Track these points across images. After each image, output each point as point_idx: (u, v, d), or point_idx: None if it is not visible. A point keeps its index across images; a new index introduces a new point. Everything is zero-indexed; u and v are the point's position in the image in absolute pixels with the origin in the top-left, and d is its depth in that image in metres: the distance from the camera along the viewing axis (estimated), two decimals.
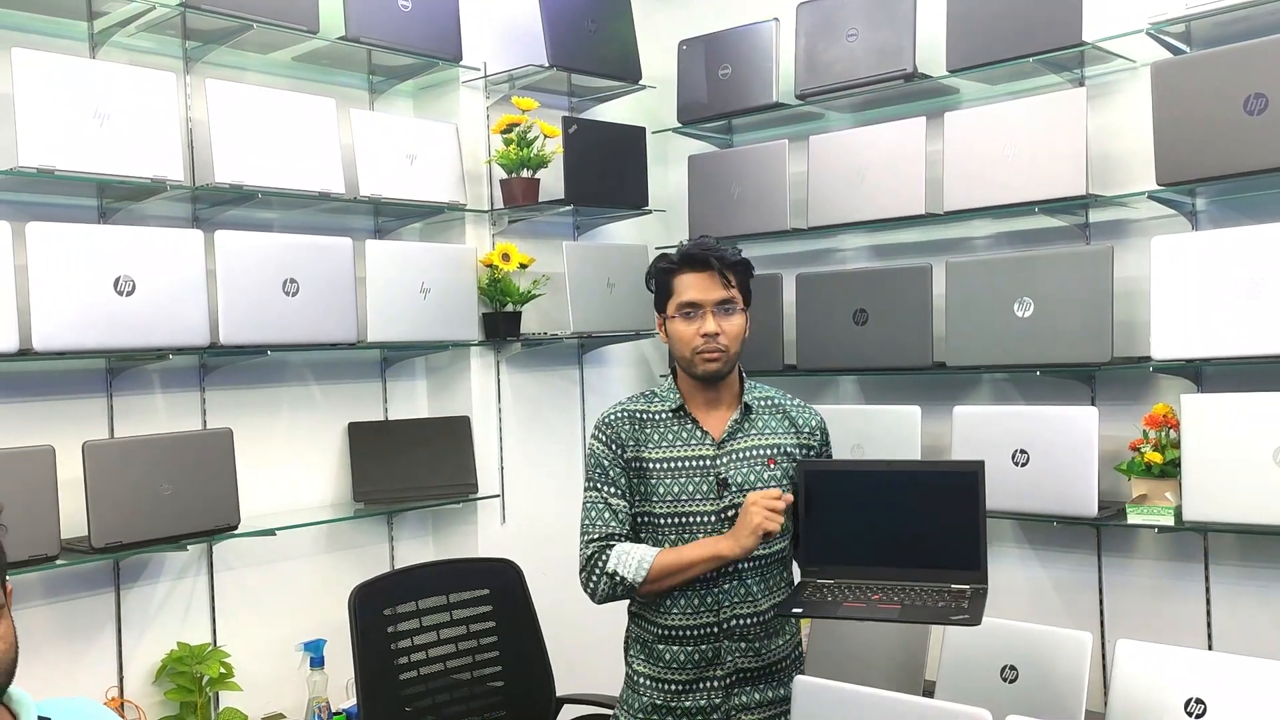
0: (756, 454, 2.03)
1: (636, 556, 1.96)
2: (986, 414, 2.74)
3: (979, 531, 1.92)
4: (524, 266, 3.12)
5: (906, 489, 2.00)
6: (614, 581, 1.97)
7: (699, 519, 2.00)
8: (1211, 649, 2.59)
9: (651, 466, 2.02)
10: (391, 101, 3.19)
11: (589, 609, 2.10)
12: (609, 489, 2.03)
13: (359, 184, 2.84)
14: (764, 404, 2.10)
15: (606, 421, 2.08)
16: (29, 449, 2.23)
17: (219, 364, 2.73)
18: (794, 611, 1.94)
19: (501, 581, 2.58)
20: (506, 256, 3.08)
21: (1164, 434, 2.55)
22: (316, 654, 2.79)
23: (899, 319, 2.91)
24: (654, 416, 2.06)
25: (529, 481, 3.30)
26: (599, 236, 3.56)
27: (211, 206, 2.69)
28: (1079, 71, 2.80)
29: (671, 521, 2.00)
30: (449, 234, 3.20)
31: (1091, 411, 2.58)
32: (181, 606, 2.67)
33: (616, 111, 3.51)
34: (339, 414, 3.02)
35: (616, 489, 2.03)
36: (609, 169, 3.26)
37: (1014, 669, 2.22)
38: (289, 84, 2.89)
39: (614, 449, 2.04)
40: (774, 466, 2.03)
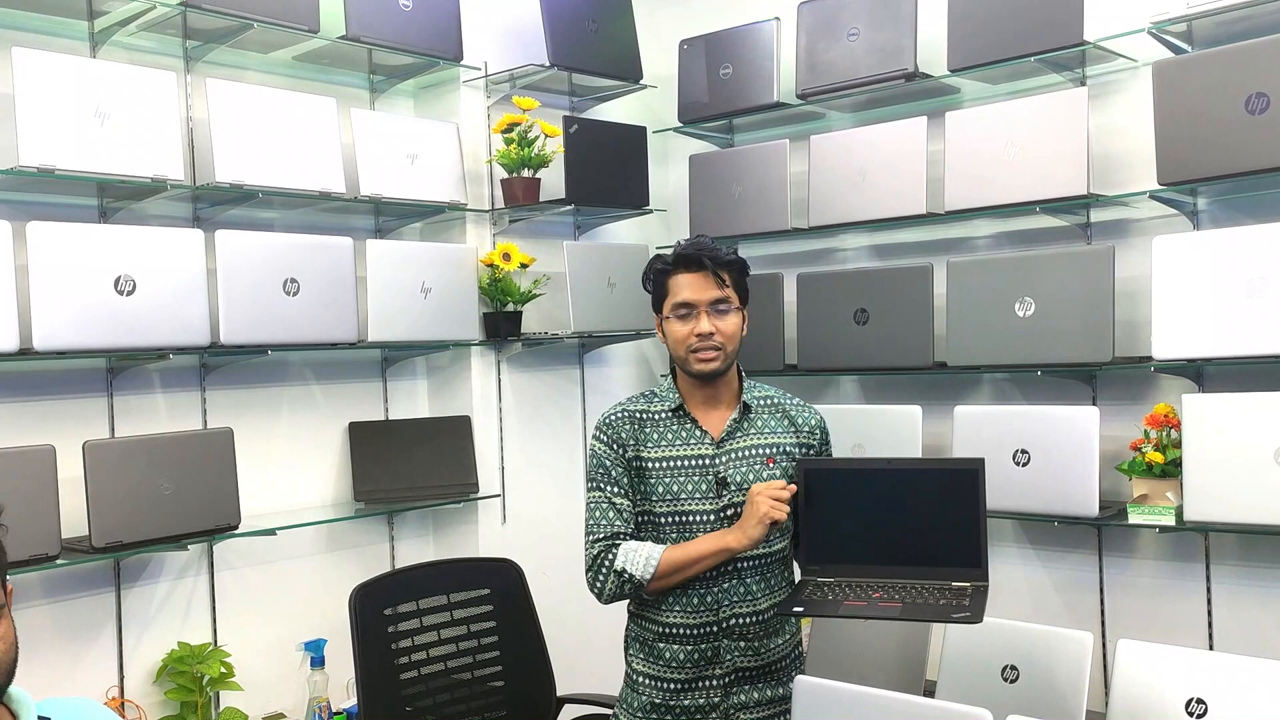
0: (756, 453, 2.03)
1: (644, 554, 1.96)
2: (987, 414, 2.74)
3: (979, 529, 1.92)
4: (525, 266, 3.12)
5: (907, 487, 2.00)
6: (622, 579, 1.97)
7: (698, 518, 2.00)
8: (1212, 649, 2.59)
9: (651, 466, 2.02)
10: (392, 101, 3.19)
11: (589, 609, 2.10)
12: (612, 488, 2.03)
13: (359, 183, 2.84)
14: (763, 403, 2.10)
15: (607, 422, 2.08)
16: (29, 449, 2.23)
17: (219, 364, 2.73)
18: (794, 610, 1.94)
19: (502, 581, 2.59)
20: (507, 256, 3.08)
21: (1165, 434, 2.55)
22: (317, 654, 2.79)
23: (900, 319, 2.91)
24: (654, 416, 2.07)
25: (529, 481, 3.30)
26: (600, 236, 3.56)
27: (212, 206, 2.69)
28: (1080, 71, 2.79)
29: (671, 521, 2.00)
30: (450, 234, 3.20)
31: (1092, 411, 2.57)
32: (182, 606, 2.67)
33: (617, 111, 3.51)
34: (339, 414, 3.02)
35: (619, 488, 2.03)
36: (610, 168, 3.26)
37: (1015, 669, 2.21)
38: (289, 83, 2.89)
39: (615, 449, 2.04)
40: (773, 466, 2.03)
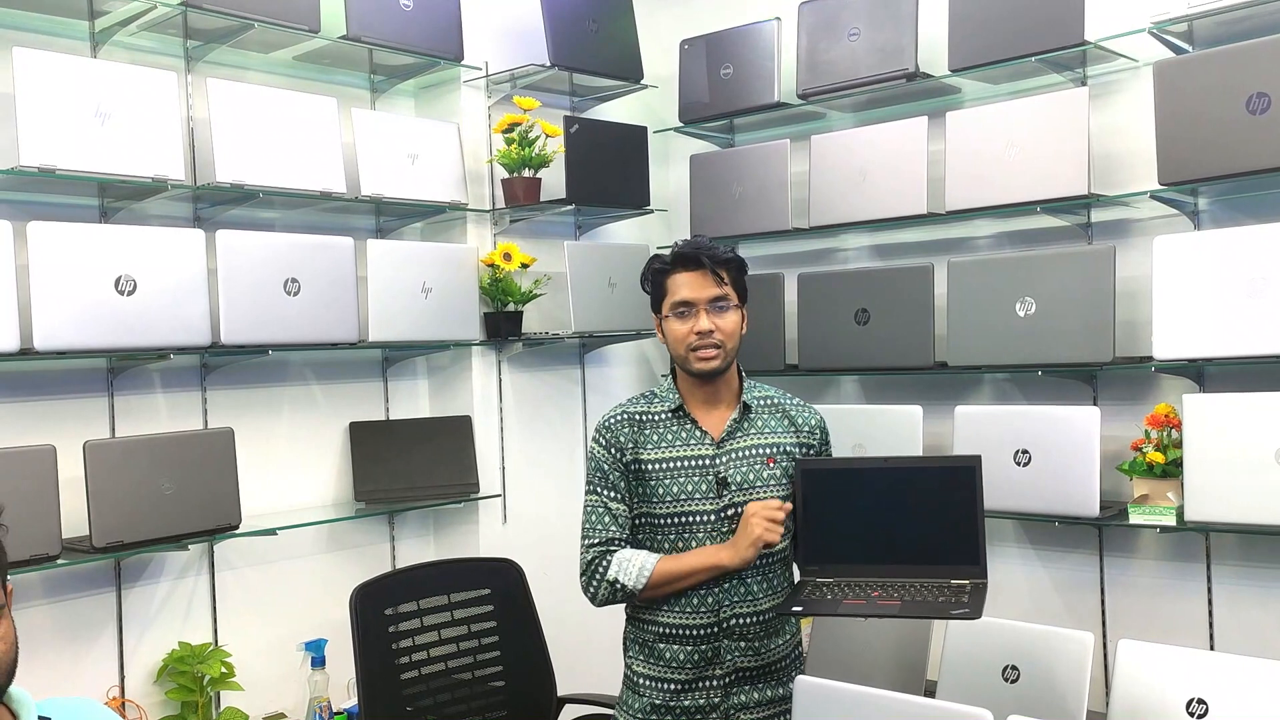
0: (756, 453, 2.03)
1: (637, 564, 1.96)
2: (988, 414, 2.74)
3: (978, 526, 1.92)
4: (525, 266, 3.12)
5: (904, 486, 2.00)
6: (614, 588, 1.98)
7: (699, 519, 2.00)
8: (1213, 649, 2.59)
9: (651, 467, 2.02)
10: (393, 101, 3.19)
11: (590, 609, 2.10)
12: (609, 493, 2.03)
13: (360, 183, 2.84)
14: (763, 403, 2.10)
15: (606, 425, 2.08)
16: (30, 449, 2.23)
17: (220, 363, 2.73)
18: (794, 610, 1.94)
19: (502, 581, 2.59)
20: (508, 256, 3.08)
21: (1166, 434, 2.55)
22: (318, 654, 2.79)
23: (900, 319, 2.91)
24: (653, 417, 2.06)
25: (530, 481, 3.30)
26: (600, 236, 3.56)
27: (213, 206, 2.69)
28: (1081, 71, 2.79)
29: (671, 522, 2.00)
30: (450, 233, 3.20)
31: (1093, 411, 2.57)
32: (182, 606, 2.67)
33: (618, 111, 3.51)
34: (340, 414, 3.02)
35: (616, 493, 2.03)
36: (610, 168, 3.26)
37: (1015, 669, 2.21)
38: (290, 83, 2.89)
39: (613, 453, 2.04)
40: (773, 465, 2.03)
